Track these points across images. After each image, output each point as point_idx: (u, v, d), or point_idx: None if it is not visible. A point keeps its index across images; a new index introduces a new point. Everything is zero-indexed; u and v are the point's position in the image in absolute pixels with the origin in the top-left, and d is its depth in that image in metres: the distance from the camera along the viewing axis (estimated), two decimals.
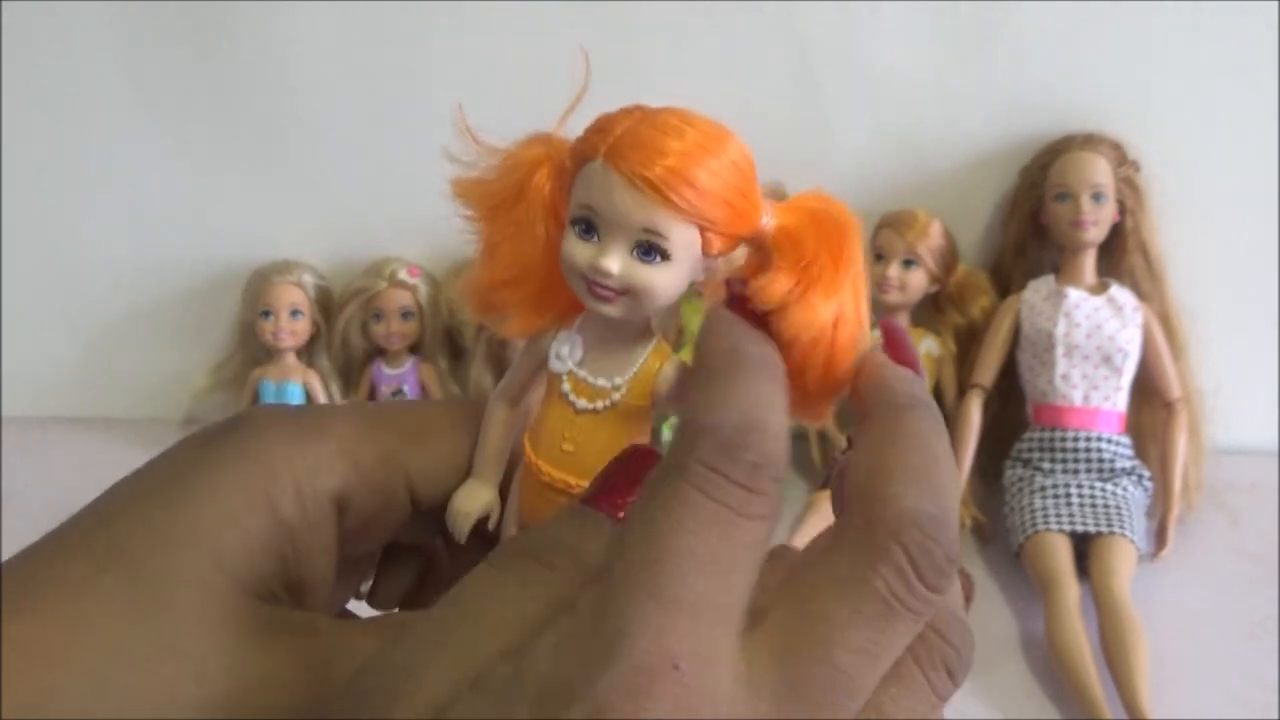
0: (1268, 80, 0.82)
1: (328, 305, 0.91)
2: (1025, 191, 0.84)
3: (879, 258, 0.84)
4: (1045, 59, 0.83)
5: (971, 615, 0.23)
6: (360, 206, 0.91)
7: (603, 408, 0.27)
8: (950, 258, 0.85)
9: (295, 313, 0.88)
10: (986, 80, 0.84)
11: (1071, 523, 0.76)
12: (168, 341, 0.95)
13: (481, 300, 0.28)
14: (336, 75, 0.86)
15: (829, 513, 0.23)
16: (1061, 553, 0.74)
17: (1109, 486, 0.78)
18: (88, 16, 0.85)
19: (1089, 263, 0.82)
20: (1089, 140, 0.82)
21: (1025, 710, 0.67)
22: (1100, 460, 0.79)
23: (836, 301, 0.24)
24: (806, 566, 0.21)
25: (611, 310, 0.25)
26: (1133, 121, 0.83)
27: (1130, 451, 0.80)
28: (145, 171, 0.89)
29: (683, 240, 0.24)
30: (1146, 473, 0.80)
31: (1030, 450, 0.81)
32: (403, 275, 0.88)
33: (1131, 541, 0.75)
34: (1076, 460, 0.79)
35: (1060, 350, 0.80)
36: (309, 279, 0.89)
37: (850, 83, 0.85)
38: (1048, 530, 0.76)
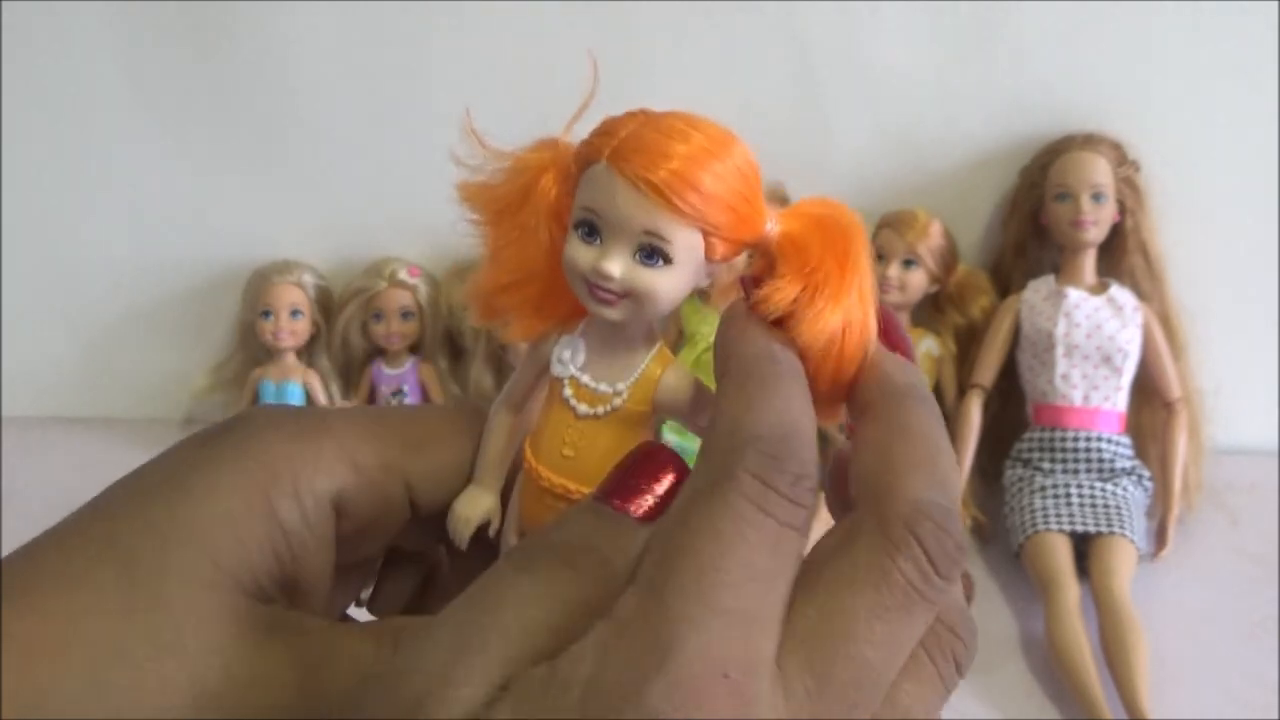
0: (1268, 80, 0.82)
1: (328, 305, 0.91)
2: (1025, 191, 0.84)
3: (879, 258, 0.84)
4: (1045, 59, 0.83)
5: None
6: (360, 206, 0.91)
7: (603, 413, 0.26)
8: (950, 258, 0.85)
9: (295, 313, 0.88)
10: (986, 80, 0.84)
11: (1071, 523, 0.76)
12: (168, 341, 0.94)
13: (485, 305, 0.28)
14: (336, 75, 0.86)
15: (826, 515, 0.23)
16: (1061, 553, 0.74)
17: (1109, 486, 0.78)
18: (88, 16, 0.85)
19: (1089, 263, 0.82)
20: (1089, 140, 0.82)
21: (1025, 710, 0.67)
22: (1100, 460, 0.79)
23: (844, 308, 0.24)
24: (820, 565, 0.21)
25: (613, 314, 0.25)
26: (1133, 121, 0.83)
27: (1130, 451, 0.80)
28: (145, 171, 0.89)
29: (685, 244, 0.24)
30: (1146, 473, 0.80)
31: (1030, 450, 0.81)
32: (403, 275, 0.88)
33: (1131, 541, 0.75)
34: (1076, 460, 0.79)
35: (1060, 350, 0.80)
36: (309, 279, 0.89)
37: (850, 83, 0.85)
38: (1048, 530, 0.76)
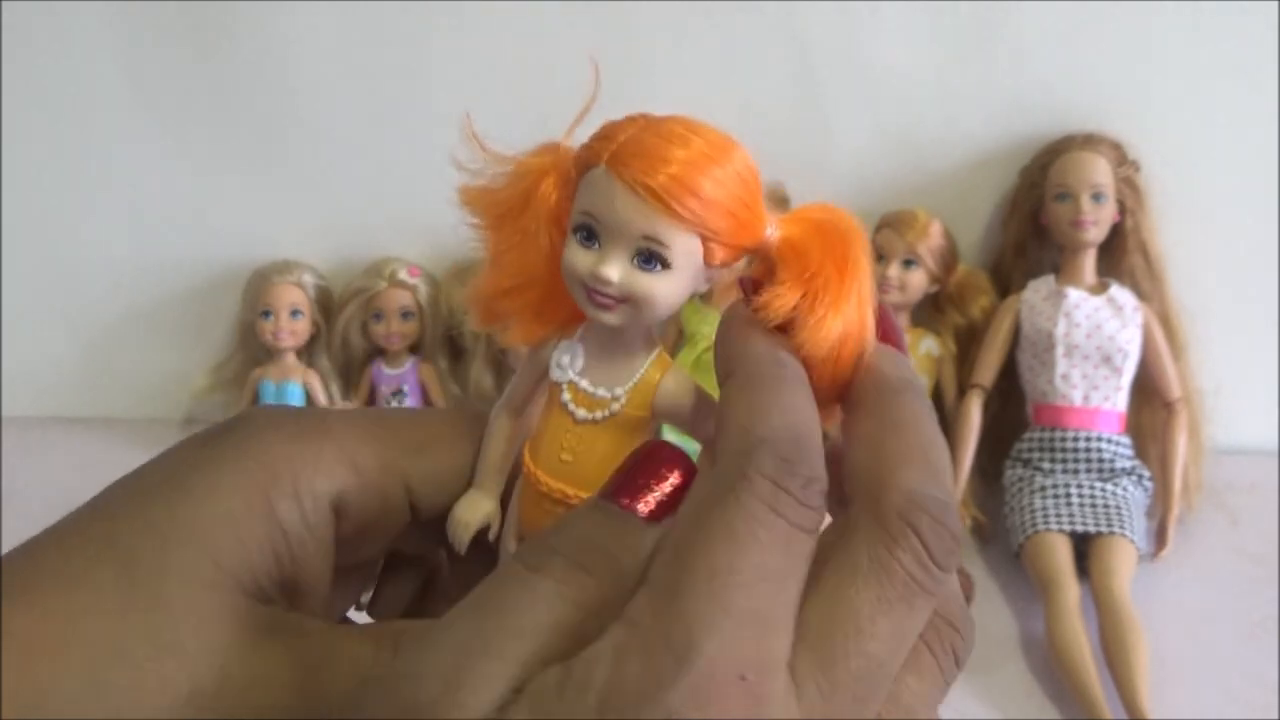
0: (1268, 80, 0.82)
1: (328, 305, 0.91)
2: (1025, 191, 0.84)
3: (879, 258, 0.84)
4: (1045, 59, 0.83)
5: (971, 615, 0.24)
6: (360, 206, 0.91)
7: (602, 418, 0.26)
8: (950, 258, 0.85)
9: (295, 313, 0.88)
10: (986, 80, 0.84)
11: (1071, 523, 0.76)
12: (168, 341, 0.94)
13: (486, 309, 0.28)
14: (336, 75, 0.86)
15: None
16: (1061, 553, 0.74)
17: (1109, 486, 0.78)
18: (88, 16, 0.85)
19: (1089, 263, 0.82)
20: (1089, 140, 0.82)
21: (1025, 710, 0.67)
22: (1100, 460, 0.79)
23: (844, 315, 0.24)
24: (821, 563, 0.21)
25: (611, 318, 0.25)
26: (1133, 121, 0.83)
27: (1130, 451, 0.80)
28: (145, 171, 0.89)
29: (684, 249, 0.24)
30: (1146, 473, 0.80)
31: (1030, 450, 0.81)
32: (403, 275, 0.88)
33: (1131, 541, 0.75)
34: (1076, 460, 0.79)
35: (1060, 350, 0.80)
36: (309, 279, 0.89)
37: (850, 83, 0.85)
38: (1048, 530, 0.76)
